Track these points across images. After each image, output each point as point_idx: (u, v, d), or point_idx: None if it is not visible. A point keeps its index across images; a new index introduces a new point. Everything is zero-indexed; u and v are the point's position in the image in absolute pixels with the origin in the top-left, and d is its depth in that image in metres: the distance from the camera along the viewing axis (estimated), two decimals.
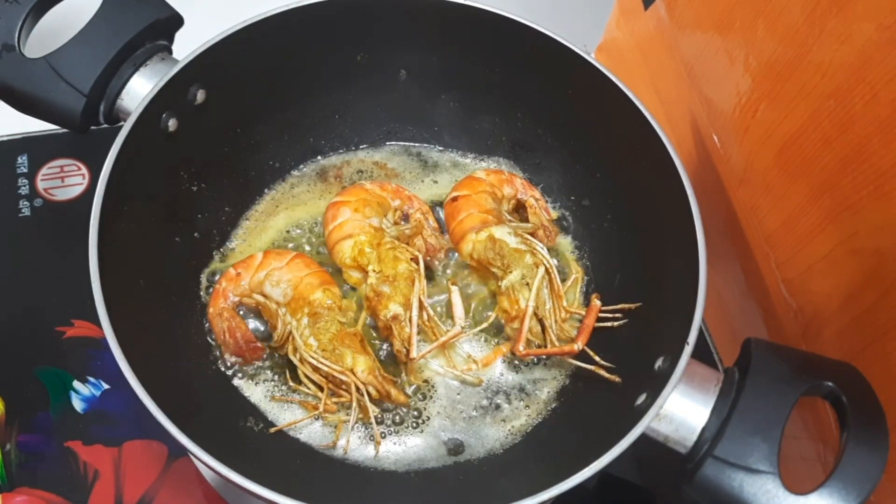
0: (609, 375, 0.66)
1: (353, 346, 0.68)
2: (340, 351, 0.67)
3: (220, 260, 0.76)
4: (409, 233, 0.75)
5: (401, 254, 0.72)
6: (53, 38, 0.69)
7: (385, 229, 0.75)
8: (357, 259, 0.73)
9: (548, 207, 0.80)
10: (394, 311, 0.70)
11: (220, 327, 0.70)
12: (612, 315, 0.69)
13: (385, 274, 0.71)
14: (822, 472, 0.65)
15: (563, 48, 0.72)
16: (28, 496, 0.72)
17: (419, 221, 0.77)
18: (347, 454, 0.67)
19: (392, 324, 0.70)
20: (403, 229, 0.75)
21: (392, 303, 0.70)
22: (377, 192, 0.78)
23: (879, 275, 0.60)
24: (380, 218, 0.76)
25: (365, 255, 0.72)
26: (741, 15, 0.72)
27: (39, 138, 0.92)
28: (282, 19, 0.71)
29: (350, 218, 0.75)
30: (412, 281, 0.71)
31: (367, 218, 0.75)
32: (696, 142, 0.84)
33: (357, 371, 0.67)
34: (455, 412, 0.70)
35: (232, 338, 0.70)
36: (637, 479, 0.77)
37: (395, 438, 0.68)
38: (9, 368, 0.78)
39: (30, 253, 0.85)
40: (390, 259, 0.72)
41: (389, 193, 0.79)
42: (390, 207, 0.78)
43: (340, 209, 0.76)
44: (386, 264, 0.71)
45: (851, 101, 0.60)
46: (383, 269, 0.71)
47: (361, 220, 0.74)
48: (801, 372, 0.57)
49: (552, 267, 0.71)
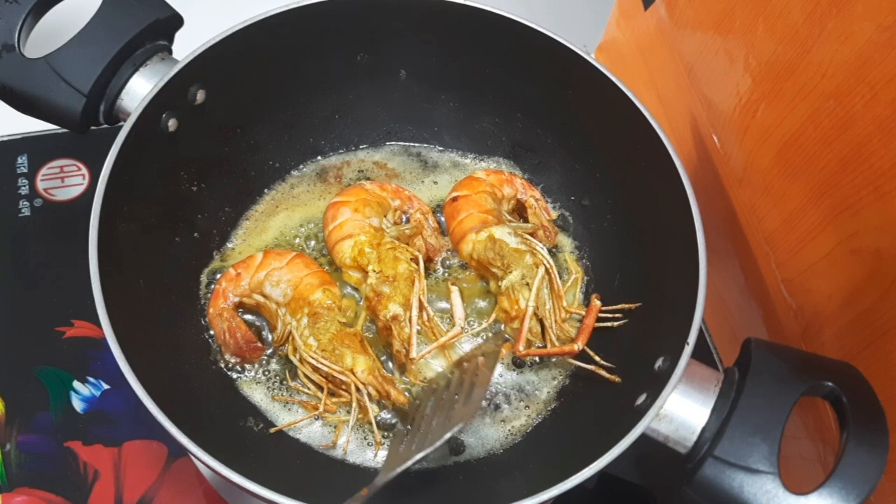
0: (609, 375, 0.66)
1: (353, 346, 0.68)
2: (340, 351, 0.67)
3: (220, 260, 0.76)
4: (409, 233, 0.75)
5: (401, 254, 0.72)
6: (53, 38, 0.69)
7: (385, 229, 0.75)
8: (357, 259, 0.73)
9: (548, 207, 0.80)
10: (393, 311, 0.70)
11: (220, 327, 0.70)
12: (612, 315, 0.69)
13: (385, 274, 0.71)
14: (822, 472, 0.65)
15: (563, 48, 0.72)
16: (28, 496, 0.72)
17: (419, 221, 0.77)
18: (347, 454, 0.67)
19: (392, 324, 0.70)
20: (403, 229, 0.75)
21: (392, 303, 0.70)
22: (377, 192, 0.78)
23: (879, 275, 0.60)
24: (380, 218, 0.76)
25: (365, 255, 0.72)
26: (741, 15, 0.72)
27: (39, 138, 0.92)
28: (282, 19, 0.71)
29: (350, 218, 0.75)
30: (412, 281, 0.71)
31: (367, 218, 0.75)
32: (696, 142, 0.84)
33: (357, 371, 0.66)
34: None
35: (232, 338, 0.70)
36: (637, 479, 0.77)
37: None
38: (9, 368, 0.78)
39: (30, 253, 0.85)
40: (390, 259, 0.72)
41: (389, 193, 0.79)
42: (390, 207, 0.78)
43: (340, 209, 0.76)
44: (386, 264, 0.71)
45: (851, 101, 0.60)
46: (383, 269, 0.71)
47: (361, 220, 0.74)
48: (801, 372, 0.57)
49: (552, 267, 0.71)
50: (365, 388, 0.66)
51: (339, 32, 0.76)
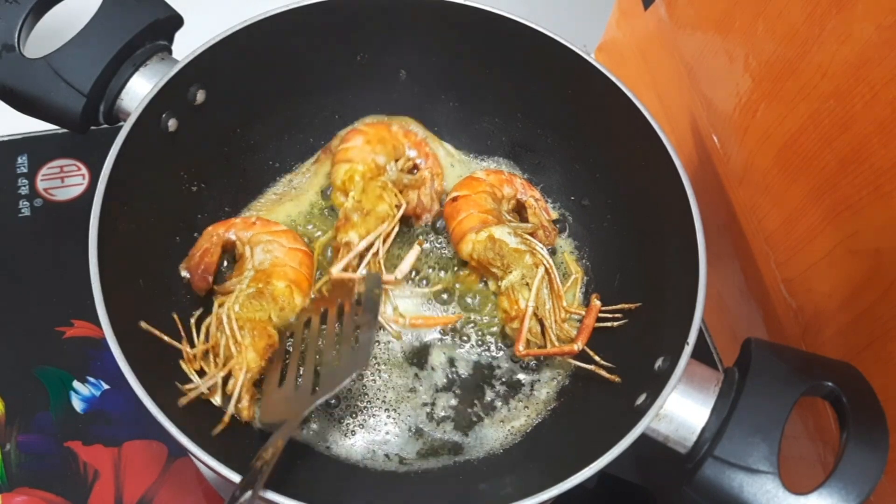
0: (609, 375, 0.66)
1: (257, 342, 0.66)
2: (245, 333, 0.66)
3: None
4: (408, 183, 0.77)
5: (387, 195, 0.75)
6: (53, 38, 0.69)
7: (388, 170, 0.77)
8: (346, 184, 0.75)
9: (548, 207, 0.80)
10: (350, 237, 0.72)
11: (201, 243, 0.72)
12: (612, 315, 0.69)
13: (362, 205, 0.73)
14: (822, 472, 0.65)
15: (563, 48, 0.72)
16: (28, 496, 0.72)
17: (423, 179, 0.79)
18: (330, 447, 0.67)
19: (342, 248, 0.72)
20: (403, 178, 0.77)
21: (353, 231, 0.72)
22: (398, 136, 0.80)
23: (879, 275, 0.60)
24: (388, 158, 0.78)
25: (353, 182, 0.75)
26: (741, 15, 0.72)
27: (39, 138, 0.92)
28: (282, 19, 0.71)
29: (359, 147, 0.77)
30: (382, 221, 0.73)
31: (374, 153, 0.77)
32: (696, 142, 0.84)
33: (243, 358, 0.65)
34: (455, 413, 0.70)
35: (201, 258, 0.71)
36: (637, 479, 0.77)
37: (395, 438, 0.69)
38: (9, 368, 0.78)
39: (30, 253, 0.85)
40: (374, 196, 0.74)
41: (409, 142, 0.80)
42: (403, 154, 0.80)
43: (355, 137, 0.78)
44: (367, 198, 0.74)
45: (851, 101, 0.60)
46: (363, 200, 0.74)
47: (369, 152, 0.77)
48: (801, 372, 0.57)
49: (552, 267, 0.71)
50: (235, 373, 0.64)
51: (339, 32, 0.76)
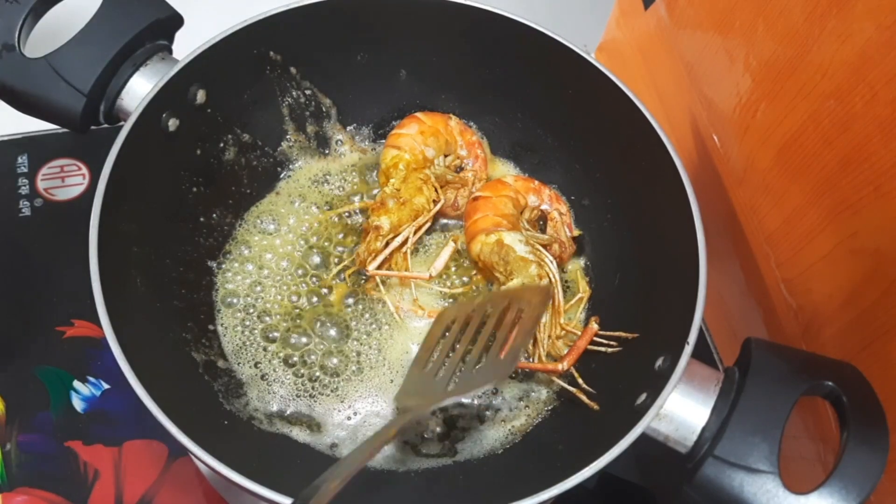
0: (589, 402, 0.65)
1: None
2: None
3: (220, 259, 0.76)
4: (451, 180, 0.77)
5: (427, 189, 0.75)
6: (53, 38, 0.69)
7: (435, 164, 0.77)
8: (389, 169, 0.75)
9: (571, 224, 0.79)
10: (382, 222, 0.72)
11: None
12: (606, 342, 0.68)
13: (400, 194, 0.73)
14: (822, 472, 0.65)
15: (563, 48, 0.72)
16: (28, 496, 0.72)
17: (466, 180, 0.79)
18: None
19: (371, 232, 0.72)
20: (447, 175, 0.77)
21: (385, 216, 0.72)
22: (454, 131, 0.80)
23: (879, 275, 0.60)
24: (437, 152, 0.78)
25: (397, 169, 0.75)
26: (741, 15, 0.72)
27: (39, 138, 0.92)
28: (282, 19, 0.71)
29: (411, 135, 0.77)
30: (417, 215, 0.73)
31: (425, 145, 0.77)
32: (696, 142, 0.84)
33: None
34: (456, 412, 0.70)
35: None
36: (637, 479, 0.77)
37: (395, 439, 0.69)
38: (9, 368, 0.78)
39: (30, 253, 0.85)
40: (413, 187, 0.74)
41: (464, 141, 0.80)
42: (454, 151, 0.80)
43: (411, 123, 0.78)
44: (407, 187, 0.74)
45: (851, 101, 0.60)
46: (401, 189, 0.74)
47: (420, 143, 0.77)
48: (801, 372, 0.57)
49: (557, 282, 0.70)
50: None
51: (339, 32, 0.76)
